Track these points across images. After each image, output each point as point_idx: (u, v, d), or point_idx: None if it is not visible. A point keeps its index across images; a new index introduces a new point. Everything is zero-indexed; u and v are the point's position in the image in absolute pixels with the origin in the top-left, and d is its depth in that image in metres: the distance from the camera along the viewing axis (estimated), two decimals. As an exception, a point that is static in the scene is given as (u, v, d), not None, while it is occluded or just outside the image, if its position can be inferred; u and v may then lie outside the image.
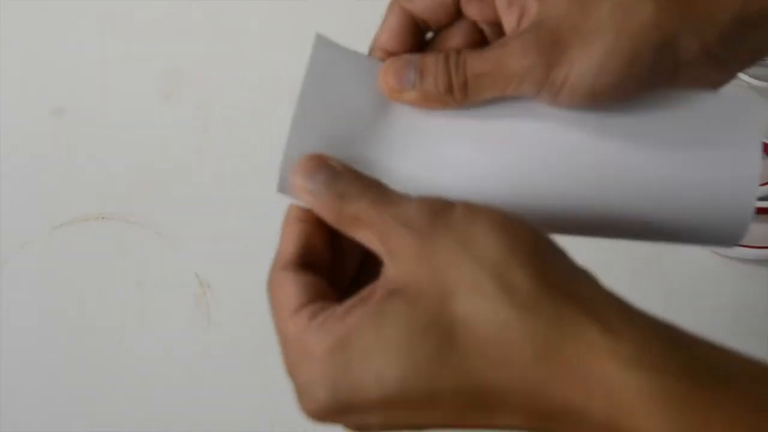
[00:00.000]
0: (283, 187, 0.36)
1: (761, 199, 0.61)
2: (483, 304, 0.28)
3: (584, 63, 0.33)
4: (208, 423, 0.59)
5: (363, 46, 0.43)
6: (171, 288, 0.62)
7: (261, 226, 0.64)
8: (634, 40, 0.32)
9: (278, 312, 0.32)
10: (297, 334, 0.31)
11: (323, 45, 0.36)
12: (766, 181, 0.62)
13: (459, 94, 0.34)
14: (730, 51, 0.34)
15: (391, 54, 0.36)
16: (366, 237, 0.31)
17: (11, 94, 0.68)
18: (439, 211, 0.30)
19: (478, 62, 0.34)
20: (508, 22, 0.35)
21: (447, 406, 0.29)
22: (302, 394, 0.31)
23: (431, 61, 0.34)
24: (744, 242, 0.60)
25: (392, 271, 0.30)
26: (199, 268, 0.62)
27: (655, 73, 0.33)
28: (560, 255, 0.30)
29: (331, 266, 0.34)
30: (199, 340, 0.60)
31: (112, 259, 0.63)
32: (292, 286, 0.32)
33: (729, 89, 0.37)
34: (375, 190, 0.32)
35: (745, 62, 0.36)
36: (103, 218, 0.64)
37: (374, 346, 0.29)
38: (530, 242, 0.30)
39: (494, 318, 0.28)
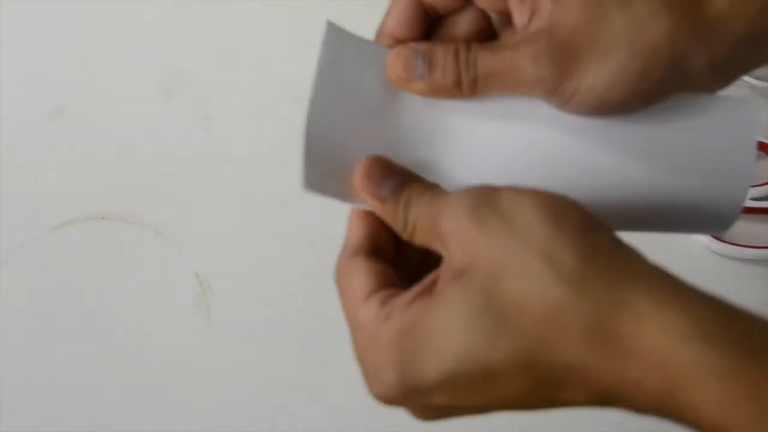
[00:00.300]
0: (310, 184, 0.35)
1: (761, 199, 0.61)
2: (532, 284, 0.29)
3: (595, 78, 0.33)
4: (208, 422, 0.59)
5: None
6: (171, 288, 0.62)
7: (261, 226, 0.64)
8: (645, 58, 0.33)
9: (348, 299, 0.33)
10: (367, 321, 0.32)
11: (334, 32, 0.36)
12: (765, 181, 0.62)
13: (467, 90, 0.35)
14: (734, 66, 0.35)
15: (398, 41, 0.37)
16: (425, 237, 0.32)
17: (11, 94, 0.68)
18: (485, 196, 0.31)
19: (489, 61, 0.34)
20: (519, 18, 0.35)
21: (506, 384, 0.30)
22: (371, 378, 0.33)
23: (440, 53, 0.35)
24: (744, 242, 0.60)
25: (448, 260, 0.31)
26: (199, 268, 0.62)
27: (662, 90, 0.34)
28: (606, 232, 0.31)
29: (395, 255, 0.35)
30: (199, 340, 0.60)
31: (112, 259, 0.63)
32: (363, 274, 0.33)
33: (730, 90, 0.37)
34: (431, 191, 0.33)
35: (745, 72, 0.36)
36: (103, 218, 0.64)
37: (435, 330, 0.30)
38: (576, 220, 0.30)
39: (544, 297, 0.29)
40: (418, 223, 0.32)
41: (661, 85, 0.34)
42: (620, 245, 0.30)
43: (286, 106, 0.63)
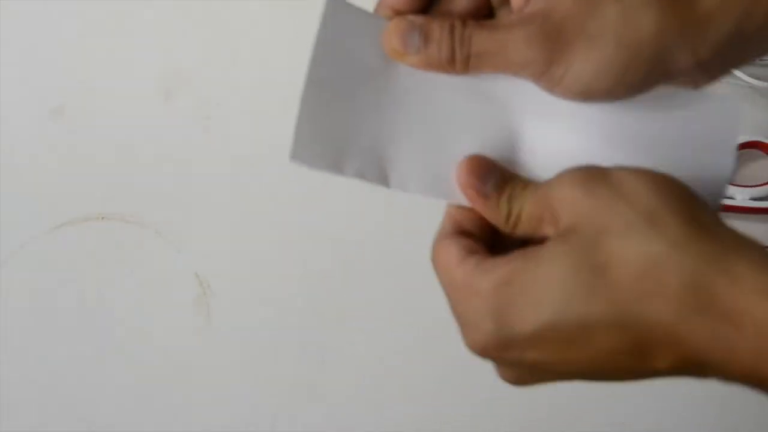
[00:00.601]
0: (297, 154, 0.36)
1: (761, 198, 0.61)
2: (635, 241, 0.30)
3: (582, 66, 0.34)
4: (208, 423, 0.59)
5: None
6: (171, 288, 0.62)
7: (261, 226, 0.64)
8: (632, 51, 0.34)
9: (442, 268, 0.34)
10: (464, 278, 0.33)
11: (334, 2, 0.37)
12: (765, 182, 0.62)
13: (460, 66, 0.35)
14: (720, 63, 0.35)
15: (397, 12, 0.37)
16: (528, 226, 0.34)
17: (11, 94, 0.68)
18: (594, 171, 0.33)
19: (483, 40, 0.35)
20: None
21: (599, 339, 0.30)
22: (469, 329, 0.34)
23: (437, 28, 0.35)
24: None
25: (555, 231, 0.33)
26: (199, 268, 0.62)
27: (647, 82, 0.35)
28: (709, 209, 0.32)
29: (491, 242, 0.36)
30: (199, 340, 0.60)
31: (112, 259, 0.63)
32: (454, 246, 0.34)
33: (725, 90, 0.37)
34: (532, 185, 0.34)
35: (731, 69, 0.37)
36: (103, 218, 0.64)
37: (533, 281, 0.31)
38: (681, 194, 0.32)
39: (645, 252, 0.30)
40: (522, 213, 0.34)
41: (646, 77, 0.34)
42: (721, 221, 0.32)
43: (286, 106, 0.63)
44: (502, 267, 0.32)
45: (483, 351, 0.34)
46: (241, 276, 0.62)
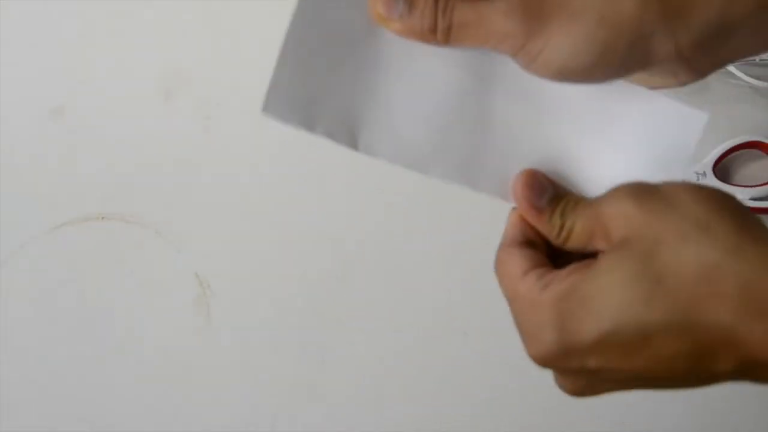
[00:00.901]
0: (269, 107, 0.37)
1: (761, 198, 0.61)
2: (690, 249, 0.31)
3: (561, 42, 0.34)
4: (208, 422, 0.59)
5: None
6: (171, 288, 0.62)
7: (261, 226, 0.64)
8: (611, 30, 0.33)
9: (507, 279, 0.36)
10: (527, 291, 0.34)
11: None
12: (765, 182, 0.62)
13: (441, 36, 0.35)
14: (702, 56, 0.35)
15: None
16: (579, 240, 0.35)
17: (11, 94, 0.68)
18: (645, 186, 0.34)
19: (465, 12, 0.35)
20: None
21: (660, 346, 0.31)
22: (530, 339, 0.34)
23: None
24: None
25: (608, 244, 0.34)
26: (199, 268, 0.62)
27: (625, 66, 0.35)
28: (755, 218, 0.33)
29: (551, 252, 0.37)
30: (199, 340, 0.60)
31: (112, 258, 0.63)
32: (518, 257, 0.36)
33: (726, 90, 0.37)
34: (584, 200, 0.36)
35: (716, 66, 0.36)
36: (103, 218, 0.64)
37: (594, 292, 0.32)
38: (729, 205, 0.33)
39: (699, 260, 0.31)
40: (574, 228, 0.35)
41: (625, 60, 0.34)
42: None
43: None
44: (563, 281, 0.33)
45: (544, 361, 0.34)
46: (241, 276, 0.62)
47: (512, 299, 0.36)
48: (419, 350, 0.60)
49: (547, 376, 0.37)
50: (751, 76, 0.64)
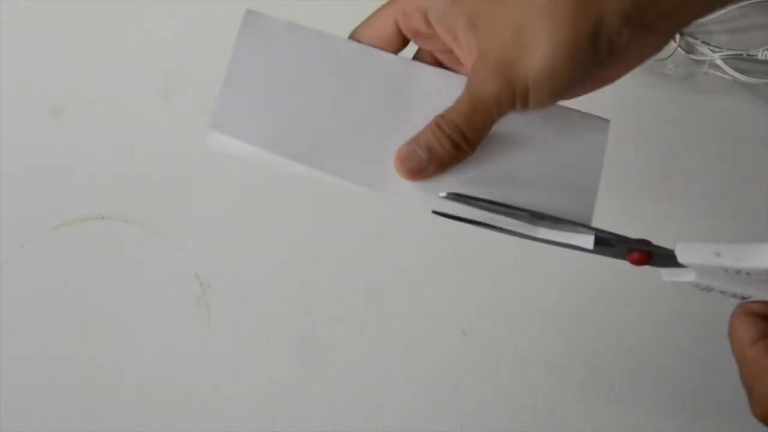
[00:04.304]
0: (217, 125, 0.43)
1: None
2: None
3: (536, 72, 0.37)
4: (208, 422, 0.59)
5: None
6: (171, 288, 0.62)
7: (261, 226, 0.64)
8: (568, 43, 0.37)
9: (738, 342, 0.39)
10: (756, 357, 0.38)
11: (254, 16, 0.43)
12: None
13: (465, 145, 0.40)
14: (652, 16, 0.38)
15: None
16: None
17: (11, 94, 0.68)
18: None
19: (461, 115, 0.39)
20: (461, 54, 0.41)
21: None
22: (758, 402, 0.38)
23: (429, 135, 0.40)
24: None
25: None
26: (199, 268, 0.62)
27: (596, 59, 0.38)
28: None
29: None
30: (199, 340, 0.60)
31: (112, 259, 0.63)
32: (749, 325, 0.39)
33: (709, 82, 0.38)
34: None
35: (676, 23, 0.39)
36: (103, 218, 0.64)
37: None
38: None
39: None
40: None
41: (593, 54, 0.37)
42: None
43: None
44: None
45: None
46: (241, 276, 0.62)
47: (741, 363, 0.39)
48: (419, 350, 0.60)
49: (545, 376, 0.37)
50: (737, 70, 0.64)
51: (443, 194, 0.40)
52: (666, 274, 0.39)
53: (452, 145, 0.39)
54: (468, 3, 0.39)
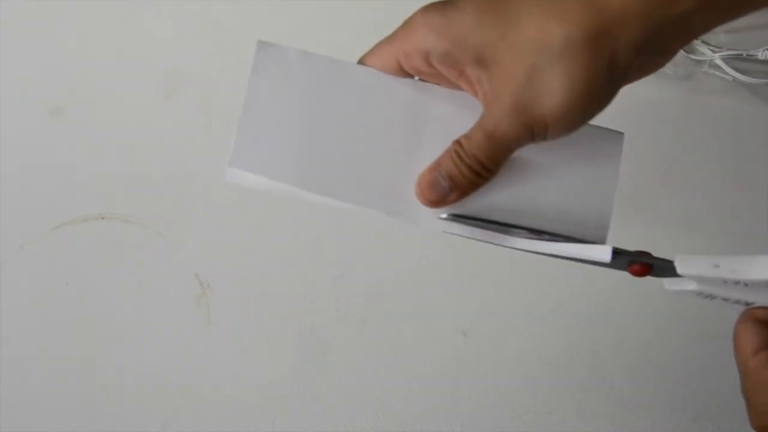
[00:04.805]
0: (236, 161, 0.42)
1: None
2: None
3: (554, 114, 0.38)
4: (208, 422, 0.59)
5: (360, 44, 0.44)
6: (171, 288, 0.62)
7: (261, 226, 0.64)
8: (585, 84, 0.38)
9: (741, 351, 0.39)
10: (756, 368, 0.38)
11: (266, 47, 0.43)
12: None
13: (487, 174, 0.41)
14: (661, 41, 0.38)
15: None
16: None
17: (11, 94, 0.68)
18: None
19: (480, 149, 0.40)
20: (468, 88, 0.41)
21: None
22: (757, 414, 0.38)
23: (450, 164, 0.40)
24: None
25: None
26: (199, 268, 0.62)
27: (611, 91, 0.39)
28: None
29: None
30: (199, 340, 0.60)
31: (112, 259, 0.63)
32: (753, 334, 0.39)
33: (710, 82, 0.38)
34: None
35: (684, 42, 0.40)
36: (103, 218, 0.64)
37: None
38: None
39: None
40: None
41: (609, 85, 0.38)
42: None
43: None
44: None
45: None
46: (241, 276, 0.62)
47: (743, 372, 0.39)
48: (419, 350, 0.60)
49: (545, 376, 0.37)
50: (737, 70, 0.64)
51: (444, 216, 0.41)
52: (668, 283, 0.39)
53: (473, 173, 0.40)
54: (473, 43, 0.39)
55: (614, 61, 0.38)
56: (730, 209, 0.63)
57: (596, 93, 0.38)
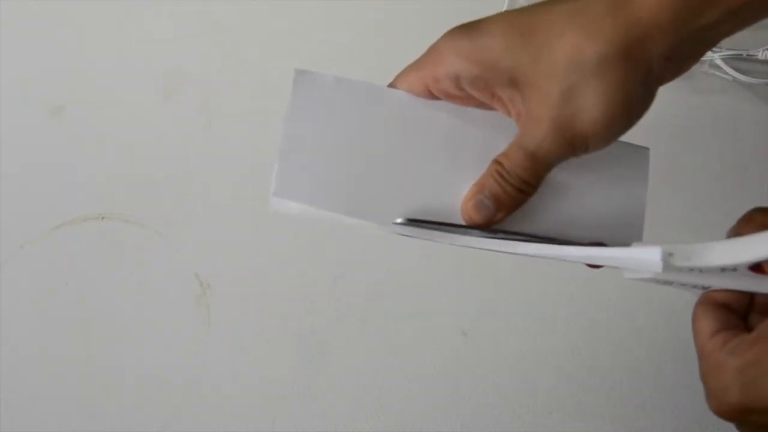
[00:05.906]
0: (279, 191, 0.42)
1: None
2: None
3: (594, 131, 0.39)
4: (208, 422, 0.59)
5: (360, 44, 0.44)
6: (171, 288, 0.62)
7: (261, 226, 0.64)
8: (623, 99, 0.38)
9: (698, 335, 0.39)
10: (713, 352, 0.38)
11: (303, 75, 0.43)
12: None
13: (529, 188, 0.41)
14: (690, 49, 0.39)
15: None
16: None
17: (11, 94, 0.68)
18: None
19: (522, 169, 0.41)
20: (502, 108, 0.42)
21: None
22: (714, 397, 0.38)
23: (494, 185, 0.41)
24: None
25: None
26: (199, 268, 0.62)
27: (646, 101, 0.40)
28: None
29: (747, 306, 0.40)
30: (199, 340, 0.60)
31: (112, 259, 0.63)
32: (710, 318, 0.39)
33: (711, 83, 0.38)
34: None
35: (710, 47, 0.41)
36: (103, 218, 0.64)
37: None
38: None
39: None
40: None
41: (644, 97, 0.39)
42: None
43: (286, 106, 0.63)
44: (747, 350, 0.36)
45: (726, 417, 0.38)
46: (241, 276, 0.62)
47: (700, 355, 0.39)
48: (419, 350, 0.60)
49: (545, 376, 0.37)
50: (737, 69, 0.65)
51: (400, 220, 0.42)
52: (626, 272, 0.39)
53: (516, 191, 0.41)
54: (504, 67, 0.39)
55: (648, 72, 0.38)
56: (730, 209, 0.63)
57: (634, 104, 0.39)
